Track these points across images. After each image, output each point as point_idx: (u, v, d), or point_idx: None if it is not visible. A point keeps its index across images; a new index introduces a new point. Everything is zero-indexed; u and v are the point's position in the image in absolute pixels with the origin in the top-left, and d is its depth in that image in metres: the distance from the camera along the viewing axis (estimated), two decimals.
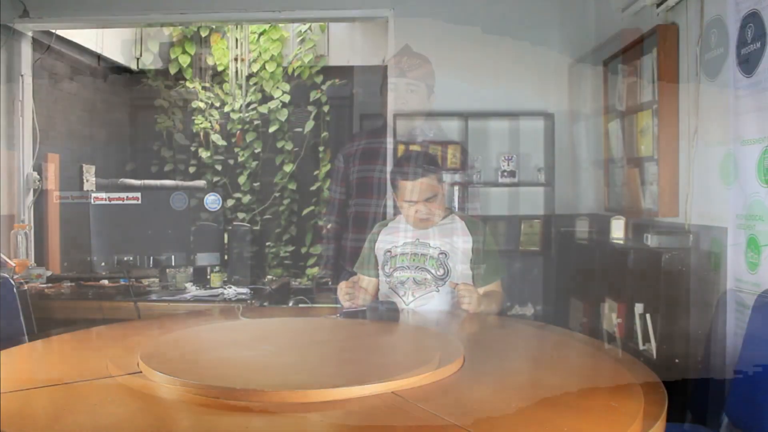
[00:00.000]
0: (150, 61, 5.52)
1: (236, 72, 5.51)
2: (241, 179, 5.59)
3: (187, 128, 5.63)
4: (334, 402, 1.33)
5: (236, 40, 5.47)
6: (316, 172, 5.57)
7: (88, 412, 1.33)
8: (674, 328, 2.43)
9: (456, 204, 3.84)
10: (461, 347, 1.70)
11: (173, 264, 3.16)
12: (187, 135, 5.62)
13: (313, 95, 5.48)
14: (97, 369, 1.58)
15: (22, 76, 4.04)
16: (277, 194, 5.58)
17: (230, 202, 5.51)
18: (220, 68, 5.53)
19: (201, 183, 5.47)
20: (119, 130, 5.55)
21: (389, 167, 3.24)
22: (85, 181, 4.79)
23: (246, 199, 5.59)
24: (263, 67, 5.46)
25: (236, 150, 5.60)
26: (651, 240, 2.52)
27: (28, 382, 1.52)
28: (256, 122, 5.55)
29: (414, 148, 3.86)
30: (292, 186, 5.57)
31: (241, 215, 5.53)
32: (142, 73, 5.54)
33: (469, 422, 1.22)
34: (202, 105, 5.55)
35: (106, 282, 3.20)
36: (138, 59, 5.50)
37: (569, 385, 1.54)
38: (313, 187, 5.57)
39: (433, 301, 2.39)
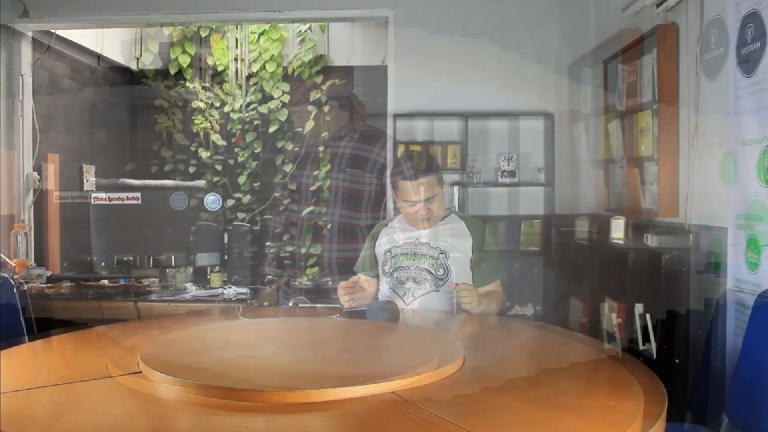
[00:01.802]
0: (150, 61, 5.52)
1: (236, 72, 5.51)
2: (241, 179, 5.59)
3: (187, 128, 5.62)
4: (334, 402, 1.33)
5: (236, 40, 5.47)
6: (316, 173, 5.57)
7: (88, 412, 1.33)
8: (674, 328, 2.43)
9: (456, 204, 3.84)
10: (461, 347, 1.70)
11: (173, 264, 3.16)
12: (187, 135, 5.62)
13: (313, 95, 5.48)
14: (97, 369, 1.58)
15: (22, 76, 4.03)
16: (277, 194, 5.58)
17: (230, 202, 5.51)
18: (220, 68, 5.53)
19: (201, 183, 5.47)
20: (119, 130, 5.54)
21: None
22: (85, 181, 4.79)
23: (246, 199, 5.59)
24: (263, 67, 5.46)
25: (236, 150, 5.60)
26: (651, 240, 2.52)
27: (28, 382, 1.52)
28: (256, 122, 5.55)
29: (414, 148, 3.87)
30: (293, 186, 5.57)
31: (241, 215, 5.53)
32: (142, 73, 5.54)
33: (469, 422, 1.22)
34: (202, 105, 5.55)
35: (106, 282, 3.19)
36: (138, 59, 5.50)
37: (569, 384, 1.54)
38: (313, 187, 5.56)
39: (433, 301, 2.39)
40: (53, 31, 4.31)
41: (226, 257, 3.34)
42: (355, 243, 3.46)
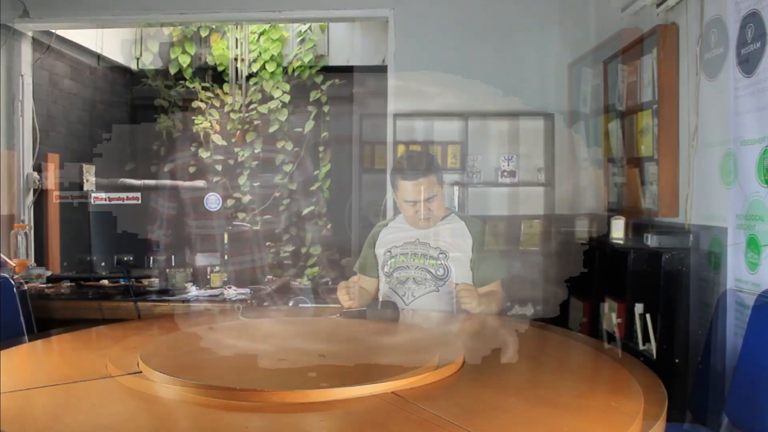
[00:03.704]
0: (150, 61, 5.52)
1: (236, 72, 5.51)
2: (241, 179, 5.59)
3: (187, 128, 5.63)
4: (334, 402, 1.33)
5: (236, 40, 5.47)
6: (316, 172, 5.57)
7: (88, 412, 1.33)
8: (674, 328, 2.43)
9: (456, 204, 3.84)
10: (461, 347, 1.70)
11: (173, 264, 3.16)
12: (187, 135, 5.62)
13: (313, 95, 5.48)
14: (97, 369, 1.58)
15: (22, 76, 4.04)
16: (277, 194, 5.58)
17: (230, 202, 5.51)
18: (220, 68, 5.53)
19: (201, 183, 5.47)
20: (119, 130, 5.55)
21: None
22: (85, 181, 4.79)
23: (246, 199, 5.59)
24: (263, 67, 5.46)
25: (236, 150, 5.60)
26: (651, 240, 2.52)
27: (28, 382, 1.52)
28: (256, 122, 5.55)
29: (414, 148, 3.87)
30: (293, 186, 5.57)
31: (241, 215, 5.53)
32: (142, 73, 5.54)
33: (469, 422, 1.22)
34: (202, 105, 5.55)
35: (106, 282, 3.19)
36: (138, 59, 5.50)
37: (569, 385, 1.54)
38: (313, 187, 5.57)
39: (433, 301, 2.38)
40: (53, 31, 4.32)
41: (226, 257, 3.34)
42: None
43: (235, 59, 5.49)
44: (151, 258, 3.12)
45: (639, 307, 2.53)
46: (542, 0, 3.89)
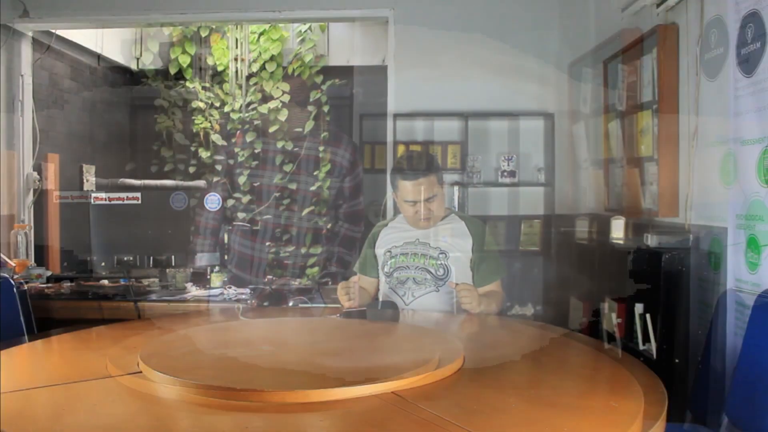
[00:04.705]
0: (150, 61, 5.52)
1: (236, 72, 5.51)
2: (241, 179, 5.58)
3: (187, 128, 5.62)
4: (334, 402, 1.34)
5: (236, 40, 5.47)
6: (316, 172, 5.57)
7: (88, 412, 1.34)
8: (674, 328, 2.43)
9: (456, 204, 3.84)
10: (461, 347, 1.70)
11: (173, 264, 3.16)
12: (187, 135, 5.62)
13: (313, 95, 5.48)
14: (97, 369, 1.58)
15: (22, 76, 4.04)
16: (277, 194, 5.58)
17: (230, 202, 5.51)
18: (220, 68, 5.53)
19: (201, 183, 5.47)
20: (119, 130, 5.54)
21: None
22: (85, 181, 4.79)
23: (246, 199, 5.59)
24: (263, 67, 5.46)
25: (236, 150, 5.60)
26: (651, 240, 2.52)
27: (28, 382, 1.52)
28: (256, 122, 5.55)
29: (414, 148, 3.87)
30: (293, 186, 5.57)
31: (241, 215, 5.52)
32: (142, 73, 5.54)
33: (469, 422, 1.22)
34: (202, 105, 5.55)
35: (106, 282, 3.19)
36: (138, 59, 5.50)
37: (569, 385, 1.54)
38: (313, 187, 5.56)
39: (433, 301, 2.39)
40: (53, 31, 4.31)
41: (226, 257, 3.35)
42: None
43: (235, 59, 5.49)
44: (151, 258, 3.12)
45: (639, 307, 2.53)
46: (542, 0, 3.88)
